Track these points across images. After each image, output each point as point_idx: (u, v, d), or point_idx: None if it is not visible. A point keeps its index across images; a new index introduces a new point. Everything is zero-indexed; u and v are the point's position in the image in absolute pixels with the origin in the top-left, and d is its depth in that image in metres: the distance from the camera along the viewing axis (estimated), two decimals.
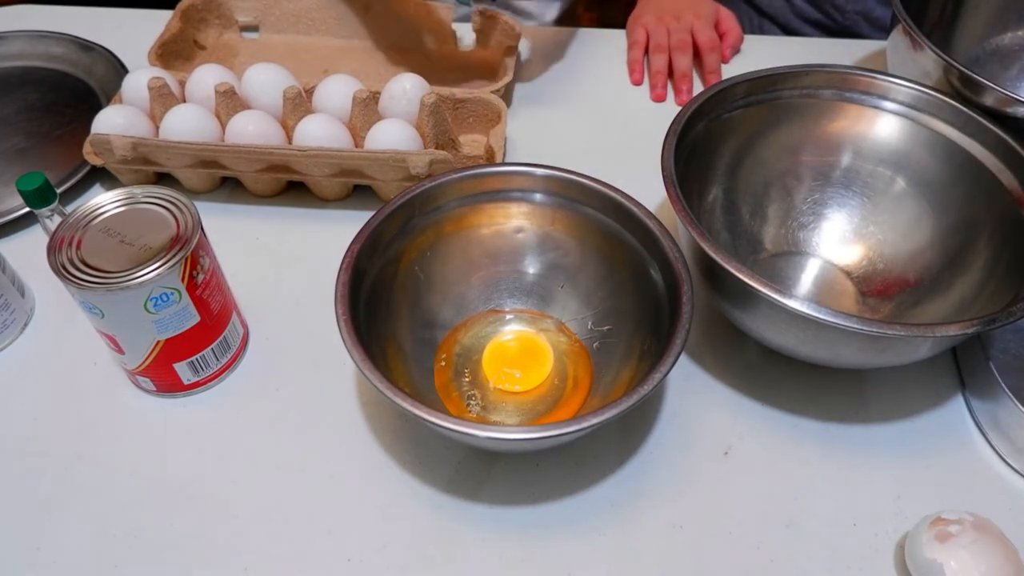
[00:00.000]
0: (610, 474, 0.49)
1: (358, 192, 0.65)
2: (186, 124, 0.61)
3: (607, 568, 0.45)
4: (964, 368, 0.53)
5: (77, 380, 0.53)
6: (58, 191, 0.53)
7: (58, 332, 0.56)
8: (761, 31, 0.93)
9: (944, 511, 0.43)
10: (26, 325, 0.56)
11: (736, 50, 0.80)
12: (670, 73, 0.76)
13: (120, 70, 0.74)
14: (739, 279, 0.44)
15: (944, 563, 0.41)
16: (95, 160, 0.63)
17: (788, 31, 0.91)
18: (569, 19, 1.01)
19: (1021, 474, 0.49)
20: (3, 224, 0.62)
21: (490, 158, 0.65)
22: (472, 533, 0.46)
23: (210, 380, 0.53)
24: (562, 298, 0.55)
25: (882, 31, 0.84)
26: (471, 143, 0.68)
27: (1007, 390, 0.48)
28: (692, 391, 0.53)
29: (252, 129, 0.61)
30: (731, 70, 0.70)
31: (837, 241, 0.59)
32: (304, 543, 0.46)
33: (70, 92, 0.75)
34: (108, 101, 0.70)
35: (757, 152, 0.59)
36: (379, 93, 0.65)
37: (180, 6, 0.76)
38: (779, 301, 0.43)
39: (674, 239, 0.49)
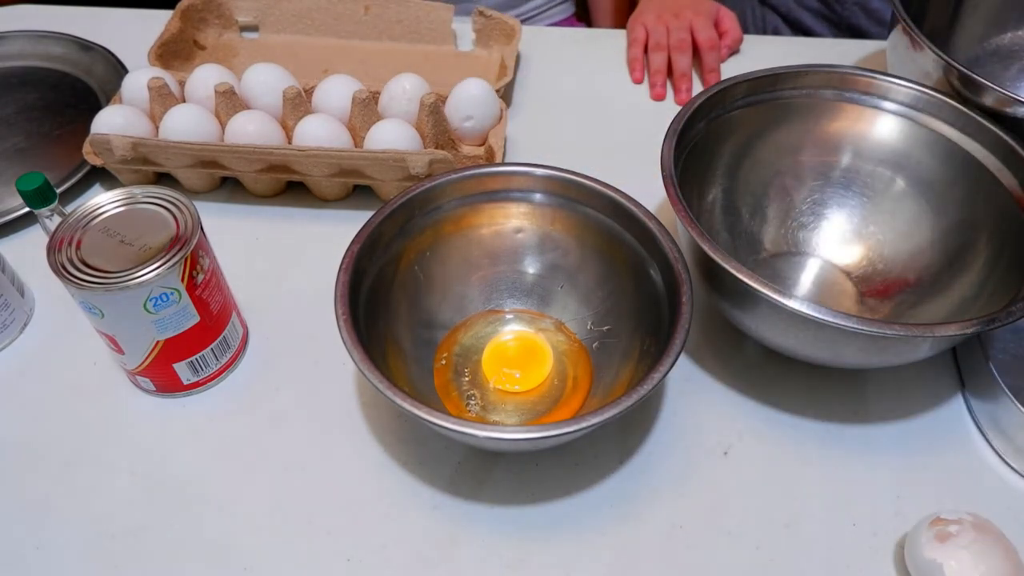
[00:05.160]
0: (610, 474, 0.49)
1: (358, 192, 0.65)
2: (186, 124, 0.61)
3: (607, 568, 0.45)
4: (964, 368, 0.53)
5: (77, 380, 0.53)
6: (58, 191, 0.53)
7: (58, 332, 0.56)
8: (763, 20, 0.94)
9: (944, 511, 0.43)
10: (26, 325, 0.56)
11: (733, 50, 0.80)
12: (669, 72, 0.76)
13: (120, 70, 0.74)
14: (739, 279, 0.44)
15: (944, 563, 0.41)
16: (95, 160, 0.63)
17: (788, 20, 0.92)
18: (569, 19, 1.02)
19: (1021, 474, 0.49)
20: (3, 224, 0.62)
21: (490, 158, 0.65)
22: (472, 533, 0.46)
23: (210, 380, 0.53)
24: (562, 298, 0.55)
25: (879, 24, 0.85)
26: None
27: (1007, 390, 0.48)
28: (692, 391, 0.53)
29: (252, 129, 0.61)
30: (731, 70, 0.69)
31: (837, 241, 0.59)
32: (304, 543, 0.46)
33: (70, 92, 0.75)
34: (108, 101, 0.70)
35: (757, 152, 0.59)
36: (379, 93, 0.65)
37: (180, 6, 0.76)
38: (779, 301, 0.43)
39: (674, 239, 0.49)
